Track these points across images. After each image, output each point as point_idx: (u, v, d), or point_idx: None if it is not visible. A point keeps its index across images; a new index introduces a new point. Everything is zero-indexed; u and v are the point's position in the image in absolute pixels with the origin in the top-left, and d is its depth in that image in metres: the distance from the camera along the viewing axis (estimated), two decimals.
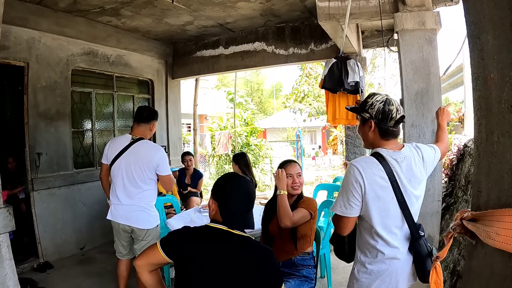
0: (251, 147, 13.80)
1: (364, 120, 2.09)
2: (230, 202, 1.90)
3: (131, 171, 3.49)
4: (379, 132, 2.03)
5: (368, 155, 2.07)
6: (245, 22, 6.59)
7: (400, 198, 1.93)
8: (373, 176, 1.92)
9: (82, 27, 5.86)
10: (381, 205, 1.93)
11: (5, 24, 4.74)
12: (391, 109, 1.99)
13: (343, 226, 2.04)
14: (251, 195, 1.96)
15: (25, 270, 4.93)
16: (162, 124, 7.83)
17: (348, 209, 1.96)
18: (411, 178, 1.99)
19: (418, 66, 3.83)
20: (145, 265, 1.95)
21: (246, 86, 35.99)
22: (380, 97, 2.04)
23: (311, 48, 6.58)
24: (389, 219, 1.96)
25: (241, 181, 1.97)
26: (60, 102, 5.58)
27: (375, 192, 1.91)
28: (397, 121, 2.01)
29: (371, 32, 6.51)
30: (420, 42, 3.84)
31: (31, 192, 5.17)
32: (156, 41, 7.47)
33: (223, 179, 2.04)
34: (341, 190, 2.00)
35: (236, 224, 1.88)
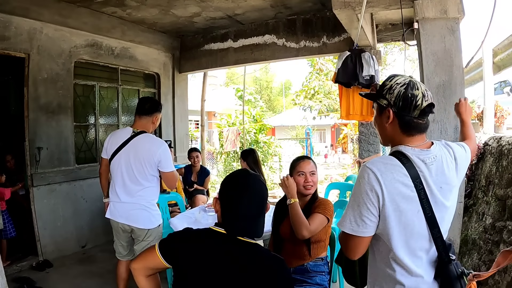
0: (260, 145, 13.56)
1: (381, 108, 1.62)
2: (233, 204, 1.66)
3: (131, 166, 3.27)
4: (399, 124, 1.56)
5: (387, 155, 1.61)
6: (255, 14, 6.36)
7: (428, 212, 1.48)
8: (395, 183, 1.46)
9: (86, 18, 5.66)
10: (404, 222, 1.48)
11: (5, 14, 4.64)
12: (415, 94, 1.51)
13: (353, 248, 1.56)
14: (259, 197, 1.69)
15: (24, 268, 4.78)
16: (168, 120, 7.64)
17: (360, 227, 1.49)
18: (443, 185, 1.53)
19: (440, 57, 3.58)
20: (142, 268, 1.74)
21: (255, 83, 35.84)
22: (402, 79, 1.57)
23: (323, 41, 6.32)
24: (413, 240, 1.50)
25: (250, 180, 1.70)
26: (62, 95, 5.40)
27: (397, 204, 1.46)
28: (423, 110, 1.52)
29: (385, 26, 6.25)
30: (442, 31, 3.59)
31: (31, 188, 5.00)
32: (163, 33, 7.25)
33: (230, 176, 1.79)
34: (352, 201, 1.54)
35: (236, 230, 1.63)
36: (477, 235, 3.89)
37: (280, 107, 35.64)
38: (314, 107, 14.70)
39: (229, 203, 1.66)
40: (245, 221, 1.64)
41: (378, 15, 5.78)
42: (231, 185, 1.72)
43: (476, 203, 4.31)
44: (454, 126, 3.55)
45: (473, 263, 3.62)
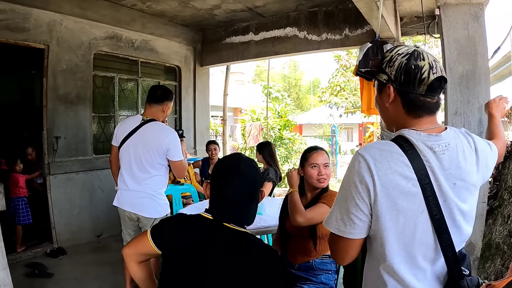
0: (284, 141, 13.43)
1: (381, 85, 1.33)
2: (220, 188, 1.56)
3: (139, 154, 3.23)
4: (402, 103, 1.27)
5: (383, 141, 1.31)
6: (276, 6, 6.26)
7: (436, 213, 1.17)
8: (391, 175, 1.16)
9: (106, 10, 5.71)
10: (403, 224, 1.18)
11: (25, 6, 4.73)
12: (419, 66, 1.22)
13: (340, 252, 1.30)
14: (250, 183, 1.57)
15: (38, 254, 4.87)
16: (189, 113, 7.65)
17: (348, 226, 1.22)
18: (457, 181, 1.22)
19: (463, 45, 3.35)
20: (133, 254, 1.67)
21: (284, 81, 35.68)
22: (405, 48, 1.28)
23: (345, 34, 6.16)
24: (414, 247, 1.20)
25: (241, 164, 1.57)
26: (81, 85, 5.46)
27: (393, 201, 1.16)
28: (431, 85, 1.22)
29: (411, 19, 6.03)
30: (465, 18, 3.37)
31: (47, 176, 5.09)
32: (184, 26, 7.25)
33: (222, 159, 1.70)
34: (339, 195, 1.27)
35: (222, 215, 1.52)
36: (501, 239, 3.66)
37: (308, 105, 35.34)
38: (340, 104, 14.44)
39: (217, 186, 1.57)
40: (232, 207, 1.54)
41: (403, 7, 5.58)
42: (221, 168, 1.62)
43: (501, 204, 4.07)
44: (478, 120, 3.33)
45: (496, 269, 3.40)
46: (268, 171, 4.59)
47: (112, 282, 3.88)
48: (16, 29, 4.67)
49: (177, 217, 1.68)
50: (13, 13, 4.61)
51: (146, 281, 1.74)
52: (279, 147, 13.11)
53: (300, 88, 38.40)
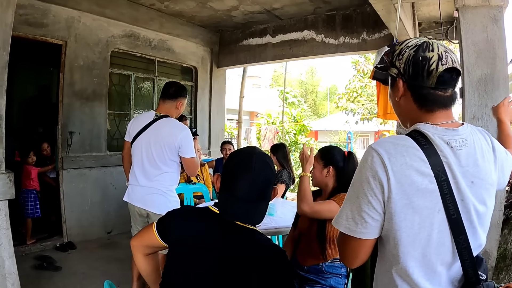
0: (299, 146, 13.36)
1: (392, 80, 1.27)
2: (230, 183, 1.48)
3: (151, 150, 3.22)
4: (413, 98, 1.20)
5: (398, 135, 1.23)
6: (293, 9, 6.24)
7: (453, 213, 1.09)
8: (407, 170, 1.08)
9: (124, 9, 5.77)
10: (418, 223, 1.09)
11: (44, 2, 4.82)
12: (428, 57, 1.15)
13: (350, 253, 1.21)
14: (262, 180, 1.47)
15: (47, 248, 4.91)
16: (204, 114, 7.67)
17: (359, 225, 1.14)
18: (475, 179, 1.14)
19: (481, 48, 3.28)
20: (140, 246, 1.65)
21: (301, 87, 35.62)
22: (415, 40, 1.21)
23: (363, 38, 6.09)
24: (430, 249, 1.11)
25: (253, 159, 1.48)
26: (97, 82, 5.51)
27: (408, 198, 1.08)
28: (441, 77, 1.15)
29: (429, 24, 5.96)
30: (484, 20, 3.30)
31: (61, 170, 5.14)
32: (201, 28, 7.28)
33: (235, 152, 1.63)
34: (350, 192, 1.19)
35: (230, 212, 1.46)
36: None
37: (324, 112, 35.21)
38: (357, 111, 14.33)
39: (227, 182, 1.50)
40: (240, 204, 1.45)
41: (421, 11, 5.51)
42: (232, 162, 1.54)
43: None
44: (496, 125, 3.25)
45: (511, 279, 3.30)
46: (281, 173, 4.56)
47: (120, 278, 3.87)
48: (35, 24, 4.73)
49: (184, 209, 1.65)
50: (32, 8, 4.68)
51: (152, 275, 1.73)
52: (294, 151, 13.06)
53: (317, 95, 38.31)
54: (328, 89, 36.60)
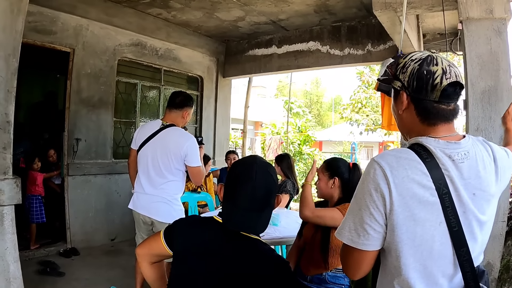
0: (303, 156, 13.36)
1: (396, 92, 1.29)
2: (232, 193, 1.49)
3: (157, 158, 3.24)
4: (416, 111, 1.22)
5: (400, 148, 1.26)
6: (299, 20, 6.30)
7: (454, 225, 1.11)
8: (408, 183, 1.10)
9: (131, 18, 5.85)
10: (420, 235, 1.11)
11: (53, 9, 4.88)
12: (432, 71, 1.16)
13: (352, 265, 1.23)
14: (263, 189, 1.47)
15: (51, 253, 4.93)
16: (209, 123, 7.72)
17: (361, 237, 1.15)
18: (477, 191, 1.16)
19: (485, 60, 3.31)
20: (146, 254, 1.66)
21: (306, 97, 35.70)
22: (419, 54, 1.23)
23: (367, 49, 6.15)
24: (432, 261, 1.13)
25: (254, 168, 1.48)
26: (103, 90, 5.57)
27: (410, 211, 1.10)
28: (444, 91, 1.17)
29: (433, 35, 6.02)
30: (488, 33, 3.33)
31: (66, 176, 5.17)
32: (208, 37, 7.35)
33: (237, 162, 1.64)
34: (353, 204, 1.21)
35: (232, 222, 1.46)
36: None
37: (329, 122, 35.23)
38: (361, 121, 14.35)
39: (229, 192, 1.51)
40: (243, 213, 1.46)
41: (426, 23, 5.56)
42: (234, 172, 1.55)
43: None
44: (500, 136, 3.23)
45: None
46: (285, 183, 4.57)
47: (123, 286, 3.88)
48: (43, 31, 4.81)
49: (191, 218, 1.66)
50: (41, 15, 4.76)
51: (158, 282, 1.73)
52: (298, 162, 13.05)
53: (322, 105, 38.37)
54: (332, 99, 36.68)
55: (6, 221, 2.63)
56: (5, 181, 2.64)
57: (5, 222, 2.63)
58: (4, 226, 2.62)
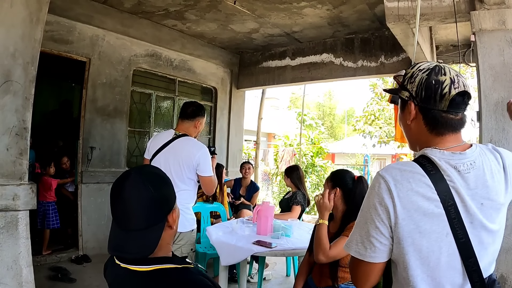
0: (316, 168, 13.31)
1: (403, 102, 1.29)
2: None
3: (170, 168, 3.25)
4: (424, 121, 1.22)
5: (404, 161, 1.27)
6: (313, 32, 6.35)
7: (461, 236, 1.11)
8: (413, 196, 1.11)
9: (147, 29, 5.95)
10: (427, 247, 1.12)
11: (70, 19, 5.00)
12: (440, 81, 1.17)
13: (360, 277, 1.24)
14: (130, 206, 1.21)
15: (62, 259, 4.98)
16: (223, 134, 7.77)
17: (368, 250, 1.17)
18: (485, 200, 1.15)
19: (498, 71, 3.30)
20: None
21: (318, 109, 35.67)
22: (427, 64, 1.23)
23: (381, 61, 6.15)
24: (440, 272, 1.13)
25: (123, 183, 1.24)
26: (119, 99, 5.66)
27: (416, 223, 1.11)
28: (453, 101, 1.17)
29: (446, 47, 6.00)
30: (501, 44, 3.33)
31: (80, 184, 5.24)
32: (222, 49, 7.45)
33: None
34: (359, 217, 1.23)
35: (110, 247, 1.25)
36: None
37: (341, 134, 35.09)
38: (374, 134, 14.28)
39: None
40: (114, 234, 1.25)
41: (439, 35, 5.55)
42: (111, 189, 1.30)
43: None
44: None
45: None
46: (296, 195, 4.58)
47: None
48: (60, 40, 4.92)
49: None
50: (58, 25, 4.88)
51: None
52: (311, 174, 13.00)
53: (334, 117, 38.28)
54: (345, 111, 36.57)
55: (20, 226, 2.68)
56: (20, 187, 2.69)
57: (20, 227, 2.67)
58: (19, 231, 2.67)
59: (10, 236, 2.62)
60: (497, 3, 3.35)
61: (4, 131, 2.69)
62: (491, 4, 3.36)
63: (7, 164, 2.69)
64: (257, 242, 3.26)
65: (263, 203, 3.83)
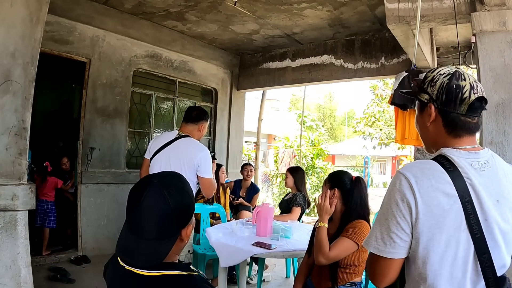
0: (316, 170, 13.30)
1: (422, 105, 1.34)
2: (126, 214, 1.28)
3: (170, 166, 3.24)
4: (443, 123, 1.28)
5: (427, 159, 1.30)
6: (313, 33, 6.34)
7: (476, 232, 1.14)
8: (433, 192, 1.15)
9: (147, 30, 5.96)
10: (445, 242, 1.15)
11: (71, 20, 5.00)
12: (461, 85, 1.23)
13: (379, 273, 1.26)
14: (147, 214, 1.20)
15: (62, 260, 4.97)
16: (223, 135, 7.76)
17: (388, 246, 1.20)
18: (500, 197, 1.19)
19: (499, 73, 3.29)
20: None
21: (319, 111, 35.70)
22: (447, 69, 1.29)
23: (381, 63, 6.13)
24: (456, 267, 1.16)
25: (145, 189, 1.22)
26: (119, 100, 5.65)
27: (435, 218, 1.15)
28: (471, 105, 1.23)
29: (447, 49, 5.98)
30: (501, 45, 3.31)
31: (79, 184, 5.23)
32: (222, 50, 7.44)
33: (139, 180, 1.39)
34: (379, 214, 1.26)
35: (118, 248, 1.25)
36: None
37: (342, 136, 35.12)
38: (374, 135, 14.28)
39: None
40: (126, 237, 1.24)
41: (439, 36, 5.54)
42: (129, 193, 1.30)
43: None
44: None
45: None
46: (296, 197, 4.57)
47: None
48: (60, 41, 4.92)
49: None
50: (58, 25, 4.88)
51: None
52: (311, 175, 13.00)
53: (335, 119, 38.33)
54: (346, 113, 36.61)
55: (19, 226, 2.67)
56: (19, 187, 2.68)
57: (18, 227, 2.67)
58: (17, 231, 2.66)
59: (9, 236, 2.62)
60: (498, 4, 3.33)
61: (4, 131, 2.68)
62: (491, 6, 3.35)
63: (6, 164, 2.69)
64: (257, 244, 3.25)
65: (262, 204, 3.82)
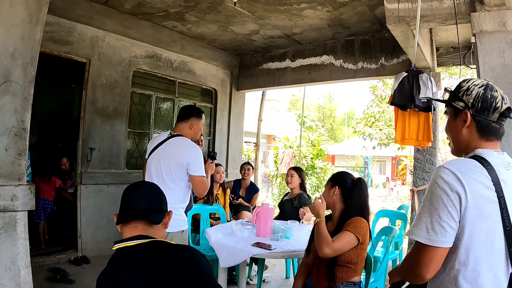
0: (316, 170, 13.30)
1: (457, 111, 1.49)
2: (121, 206, 1.67)
3: (160, 166, 3.22)
4: (477, 128, 1.43)
5: (463, 158, 1.47)
6: (313, 34, 6.34)
7: (507, 225, 1.29)
8: (477, 185, 1.29)
9: (147, 30, 5.95)
10: (485, 231, 1.29)
11: (70, 20, 5.00)
12: (494, 96, 1.40)
13: (426, 264, 1.32)
14: (148, 192, 1.72)
15: (62, 261, 4.97)
16: (223, 136, 7.75)
17: (439, 235, 1.29)
18: None
19: (499, 73, 3.31)
20: None
21: (319, 111, 35.72)
22: (479, 81, 1.46)
23: (381, 63, 6.13)
24: (493, 255, 1.31)
25: (142, 183, 1.81)
26: (118, 101, 5.65)
27: (480, 209, 1.28)
28: (502, 113, 1.41)
29: (447, 49, 5.99)
30: (501, 45, 3.33)
31: (79, 185, 5.23)
32: (222, 50, 7.44)
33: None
34: (427, 206, 1.35)
35: (124, 212, 1.63)
36: None
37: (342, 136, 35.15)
38: (374, 136, 14.29)
39: (121, 201, 1.68)
40: (125, 203, 1.66)
41: (439, 37, 5.54)
42: (125, 189, 1.74)
43: None
44: None
45: None
46: (302, 196, 4.58)
47: None
48: (60, 41, 4.92)
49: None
50: (58, 26, 4.88)
51: None
52: (311, 176, 13.00)
53: (335, 119, 38.36)
54: (345, 114, 36.64)
55: (19, 226, 2.67)
56: (19, 187, 2.69)
57: (18, 227, 2.67)
58: (17, 231, 2.66)
59: (9, 236, 2.62)
60: (498, 4, 3.35)
61: (3, 131, 2.68)
62: (491, 6, 3.36)
63: (6, 165, 2.69)
64: (257, 244, 3.25)
65: (262, 205, 3.82)
